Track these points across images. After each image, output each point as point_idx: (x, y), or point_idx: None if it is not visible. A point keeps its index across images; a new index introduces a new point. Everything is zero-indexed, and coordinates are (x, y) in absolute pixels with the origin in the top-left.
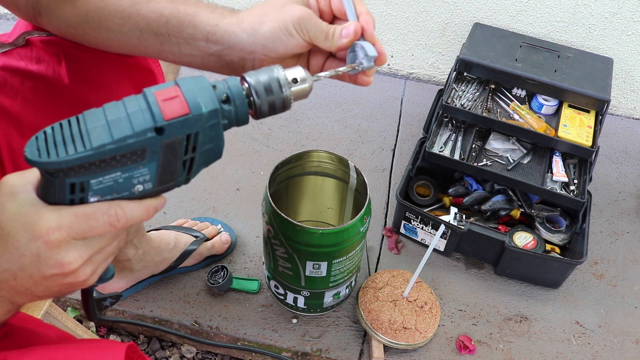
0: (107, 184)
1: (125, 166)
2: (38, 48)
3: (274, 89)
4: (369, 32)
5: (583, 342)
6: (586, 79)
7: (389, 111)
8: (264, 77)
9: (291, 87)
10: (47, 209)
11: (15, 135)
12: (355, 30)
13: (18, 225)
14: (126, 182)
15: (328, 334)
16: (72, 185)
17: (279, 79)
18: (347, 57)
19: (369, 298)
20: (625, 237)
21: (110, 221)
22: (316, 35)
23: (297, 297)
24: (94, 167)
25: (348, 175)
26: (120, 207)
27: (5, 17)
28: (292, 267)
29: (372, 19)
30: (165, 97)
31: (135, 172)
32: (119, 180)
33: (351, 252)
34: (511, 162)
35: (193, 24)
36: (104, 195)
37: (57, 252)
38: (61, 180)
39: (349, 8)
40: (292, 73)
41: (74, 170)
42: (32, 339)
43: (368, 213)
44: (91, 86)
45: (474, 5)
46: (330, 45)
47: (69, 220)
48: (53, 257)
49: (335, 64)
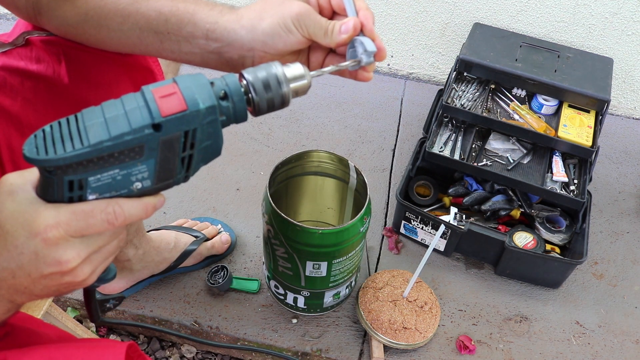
0: (105, 181)
1: (123, 163)
2: (38, 48)
3: (272, 85)
4: (368, 28)
5: (583, 342)
6: (586, 79)
7: (389, 111)
8: (262, 73)
9: (290, 83)
10: (45, 207)
11: (15, 135)
12: (355, 25)
13: (17, 223)
14: (124, 180)
15: (328, 334)
16: (71, 182)
17: (277, 76)
18: (347, 52)
19: (369, 298)
20: (625, 237)
21: (108, 219)
22: (315, 32)
23: (297, 297)
24: (92, 164)
25: (348, 175)
26: (119, 204)
27: (5, 17)
28: (292, 267)
29: (372, 14)
30: (162, 94)
31: (134, 169)
32: (117, 177)
33: (351, 252)
34: (511, 162)
35: (192, 22)
36: (103, 193)
37: (55, 250)
38: (59, 177)
39: (348, 4)
40: (290, 69)
41: (72, 167)
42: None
43: (368, 213)
44: (91, 86)
45: (474, 5)
46: (330, 41)
47: (66, 218)
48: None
49: (335, 60)
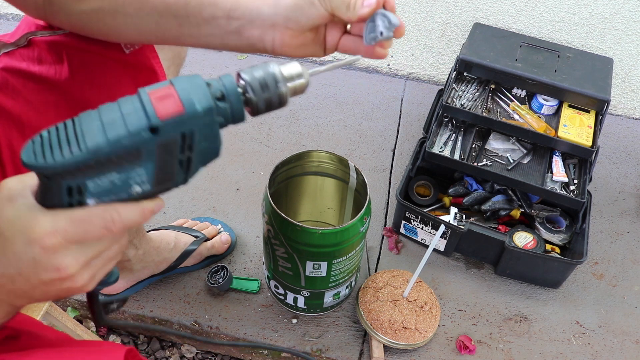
0: (104, 186)
1: (121, 167)
2: (40, 49)
3: (269, 85)
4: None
5: (583, 342)
6: (586, 79)
7: (389, 111)
8: (259, 73)
9: (287, 82)
10: (43, 214)
11: (17, 136)
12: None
13: (15, 229)
14: (123, 184)
15: (328, 334)
16: (69, 188)
17: (274, 75)
18: (365, 27)
19: (369, 298)
20: (625, 237)
21: (106, 225)
22: (338, 5)
23: (297, 297)
24: (90, 169)
25: (348, 175)
26: (117, 211)
27: (5, 17)
28: (292, 267)
29: None
30: (159, 96)
31: (132, 173)
32: (116, 181)
33: (351, 252)
34: (511, 162)
35: (213, 3)
36: (102, 197)
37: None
38: (58, 183)
39: None
40: (287, 68)
41: (70, 173)
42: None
43: (368, 213)
44: (93, 86)
45: (474, 5)
46: (352, 15)
47: (64, 225)
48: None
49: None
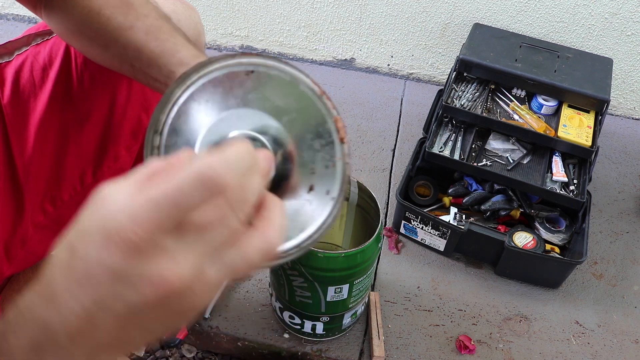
0: None
1: None
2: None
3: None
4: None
5: (583, 342)
6: (586, 79)
7: (389, 111)
8: None
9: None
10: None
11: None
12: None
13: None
14: None
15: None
16: None
17: None
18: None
19: None
20: (624, 237)
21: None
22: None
23: (315, 325)
24: None
25: (349, 191)
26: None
27: (5, 17)
28: (311, 295)
29: None
30: None
31: None
32: None
33: (370, 269)
34: (511, 162)
35: (157, 65)
36: None
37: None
38: None
39: None
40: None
41: None
42: None
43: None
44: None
45: (474, 6)
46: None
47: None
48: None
49: None
